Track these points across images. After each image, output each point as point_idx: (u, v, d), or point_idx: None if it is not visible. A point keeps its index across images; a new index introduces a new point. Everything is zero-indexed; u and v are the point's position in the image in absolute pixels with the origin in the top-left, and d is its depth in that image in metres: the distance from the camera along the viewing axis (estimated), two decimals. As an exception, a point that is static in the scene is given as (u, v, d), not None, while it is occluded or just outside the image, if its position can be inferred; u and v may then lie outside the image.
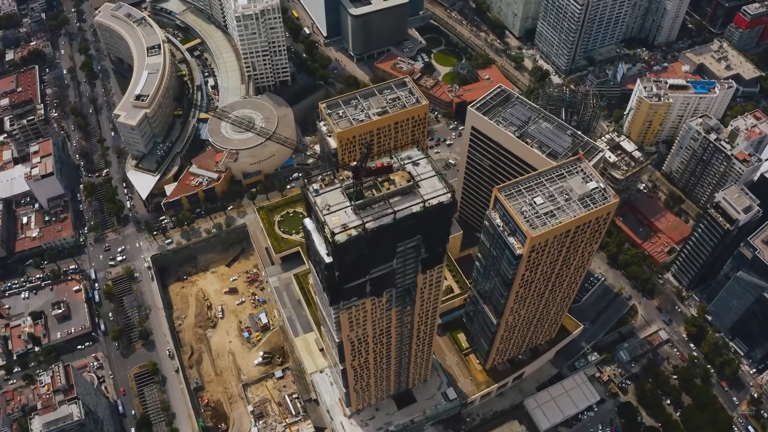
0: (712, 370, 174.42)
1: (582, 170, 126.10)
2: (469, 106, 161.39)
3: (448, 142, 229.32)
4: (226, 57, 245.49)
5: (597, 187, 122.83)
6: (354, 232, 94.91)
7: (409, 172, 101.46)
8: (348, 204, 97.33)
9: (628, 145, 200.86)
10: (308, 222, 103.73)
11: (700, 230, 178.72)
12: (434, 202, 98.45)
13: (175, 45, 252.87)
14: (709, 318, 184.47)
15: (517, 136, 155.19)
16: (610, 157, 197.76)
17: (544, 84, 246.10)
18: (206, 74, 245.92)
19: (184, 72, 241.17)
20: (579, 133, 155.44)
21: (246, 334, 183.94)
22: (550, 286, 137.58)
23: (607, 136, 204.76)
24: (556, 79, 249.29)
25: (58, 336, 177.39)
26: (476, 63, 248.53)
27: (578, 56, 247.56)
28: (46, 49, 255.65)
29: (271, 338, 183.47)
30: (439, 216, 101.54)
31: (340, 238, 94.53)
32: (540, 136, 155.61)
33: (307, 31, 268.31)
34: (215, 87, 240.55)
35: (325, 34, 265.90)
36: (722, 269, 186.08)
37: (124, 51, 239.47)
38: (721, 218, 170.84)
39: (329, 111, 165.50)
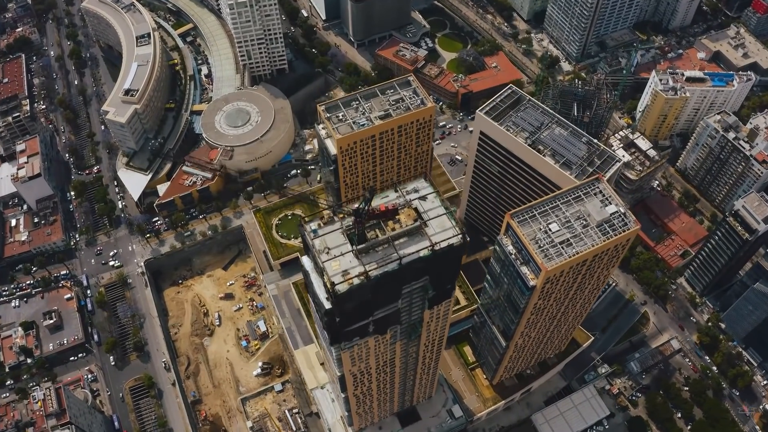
0: (724, 384, 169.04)
1: (600, 191, 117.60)
2: (477, 111, 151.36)
3: (453, 134, 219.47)
4: (219, 44, 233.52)
5: (616, 212, 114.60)
6: (356, 281, 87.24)
7: (416, 209, 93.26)
8: (349, 248, 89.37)
9: (643, 143, 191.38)
10: (306, 261, 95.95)
11: (717, 237, 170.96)
12: (443, 244, 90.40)
13: (166, 30, 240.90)
14: (723, 326, 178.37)
15: (528, 144, 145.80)
16: (623, 156, 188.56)
17: (554, 72, 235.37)
18: (199, 61, 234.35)
19: (176, 60, 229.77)
20: (594, 141, 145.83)
21: (244, 343, 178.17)
22: (563, 309, 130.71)
23: (621, 133, 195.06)
24: (566, 67, 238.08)
25: (51, 348, 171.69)
26: (483, 49, 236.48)
27: (590, 42, 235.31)
28: (32, 36, 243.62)
29: (270, 347, 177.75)
30: (448, 258, 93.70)
31: (341, 288, 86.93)
32: (553, 144, 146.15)
33: (305, 14, 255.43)
34: (209, 76, 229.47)
35: (323, 18, 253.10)
36: (738, 275, 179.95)
37: (113, 38, 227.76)
38: (739, 227, 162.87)
39: (328, 114, 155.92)
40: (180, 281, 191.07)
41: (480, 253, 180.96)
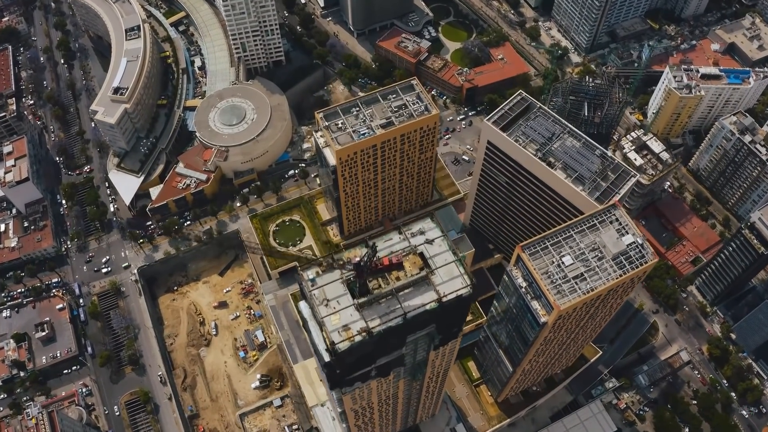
0: (735, 395, 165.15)
1: (617, 219, 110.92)
2: (485, 120, 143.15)
3: (457, 131, 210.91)
4: (213, 34, 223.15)
5: (633, 243, 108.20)
6: (357, 338, 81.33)
7: (422, 254, 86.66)
8: (350, 301, 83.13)
9: (656, 145, 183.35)
10: (304, 307, 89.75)
11: (731, 249, 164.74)
12: (452, 296, 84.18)
13: (157, 19, 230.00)
14: (733, 336, 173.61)
15: (539, 157, 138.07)
16: (635, 159, 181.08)
17: (562, 63, 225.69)
18: (192, 52, 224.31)
19: (167, 53, 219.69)
20: (609, 154, 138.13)
21: (242, 354, 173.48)
22: (573, 336, 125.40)
23: (633, 134, 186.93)
24: (575, 58, 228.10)
25: (44, 361, 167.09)
26: (488, 40, 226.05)
27: (600, 32, 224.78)
28: (19, 26, 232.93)
29: (268, 358, 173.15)
30: (457, 307, 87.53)
31: (342, 345, 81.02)
32: (565, 157, 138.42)
33: (303, 1, 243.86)
34: (202, 68, 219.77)
35: (322, 5, 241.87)
36: (750, 282, 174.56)
37: (102, 28, 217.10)
38: (755, 240, 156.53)
39: (326, 122, 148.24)
40: (175, 288, 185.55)
41: (485, 261, 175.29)
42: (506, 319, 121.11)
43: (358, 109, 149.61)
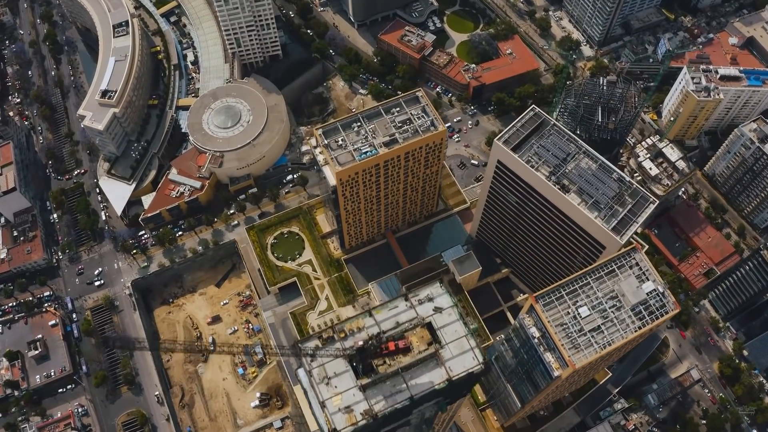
0: (745, 416, 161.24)
1: (637, 263, 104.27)
2: (495, 139, 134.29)
3: (464, 132, 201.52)
4: (206, 27, 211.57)
5: (654, 291, 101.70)
6: (361, 422, 75.52)
7: (430, 324, 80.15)
8: (353, 382, 77.02)
9: (672, 153, 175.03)
10: (303, 376, 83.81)
11: (748, 268, 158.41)
12: (462, 374, 77.99)
13: (147, 10, 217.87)
14: (745, 353, 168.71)
15: (553, 181, 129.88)
16: (650, 168, 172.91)
17: (574, 57, 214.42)
18: (185, 45, 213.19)
19: (158, 48, 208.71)
20: (627, 178, 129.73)
21: (241, 370, 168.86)
22: (585, 375, 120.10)
23: (648, 140, 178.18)
24: (587, 51, 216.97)
25: (38, 380, 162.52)
26: (496, 33, 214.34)
27: (614, 24, 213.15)
28: (4, 17, 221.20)
29: (268, 375, 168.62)
30: (467, 381, 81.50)
31: (345, 431, 75.21)
32: (580, 180, 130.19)
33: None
34: (195, 62, 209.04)
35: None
36: (765, 296, 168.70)
37: (89, 21, 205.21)
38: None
39: (326, 140, 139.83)
40: (171, 300, 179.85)
41: (492, 276, 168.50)
42: (516, 361, 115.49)
43: (359, 124, 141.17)
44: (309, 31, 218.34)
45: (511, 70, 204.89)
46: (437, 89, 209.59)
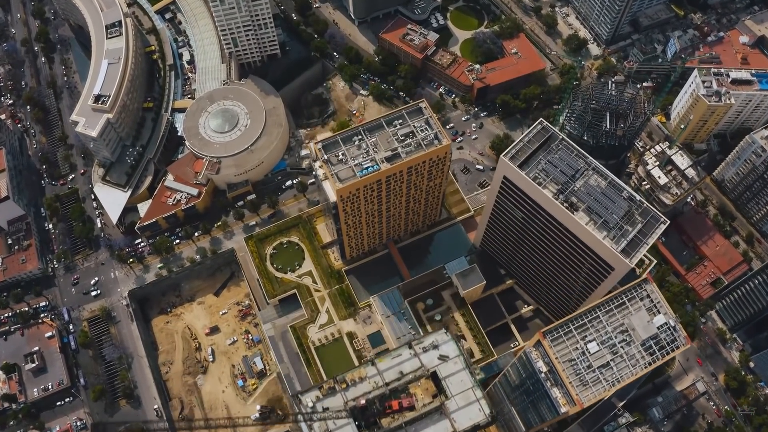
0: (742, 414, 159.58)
1: (648, 295, 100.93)
2: (502, 156, 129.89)
3: (467, 134, 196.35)
4: (202, 25, 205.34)
5: (665, 324, 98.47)
6: (364, 480, 72.90)
7: (435, 374, 77.05)
8: (355, 438, 74.28)
9: (681, 161, 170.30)
10: (304, 428, 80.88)
11: (758, 281, 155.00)
12: (468, 426, 75.09)
13: (141, 7, 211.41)
14: (752, 365, 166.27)
15: (561, 200, 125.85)
16: (659, 177, 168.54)
17: (581, 56, 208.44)
18: (180, 43, 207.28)
19: (153, 47, 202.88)
20: (638, 197, 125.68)
21: (240, 382, 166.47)
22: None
23: (657, 148, 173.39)
24: (594, 50, 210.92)
25: (35, 393, 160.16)
26: (501, 30, 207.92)
27: (623, 22, 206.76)
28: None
29: (268, 387, 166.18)
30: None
31: (346, 491, 72.63)
32: (589, 199, 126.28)
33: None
34: (191, 62, 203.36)
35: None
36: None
37: (82, 18, 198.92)
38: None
39: (326, 154, 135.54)
40: (169, 309, 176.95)
41: (497, 288, 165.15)
42: (522, 391, 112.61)
43: (360, 137, 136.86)
44: (308, 28, 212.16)
45: (517, 70, 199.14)
46: (440, 90, 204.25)
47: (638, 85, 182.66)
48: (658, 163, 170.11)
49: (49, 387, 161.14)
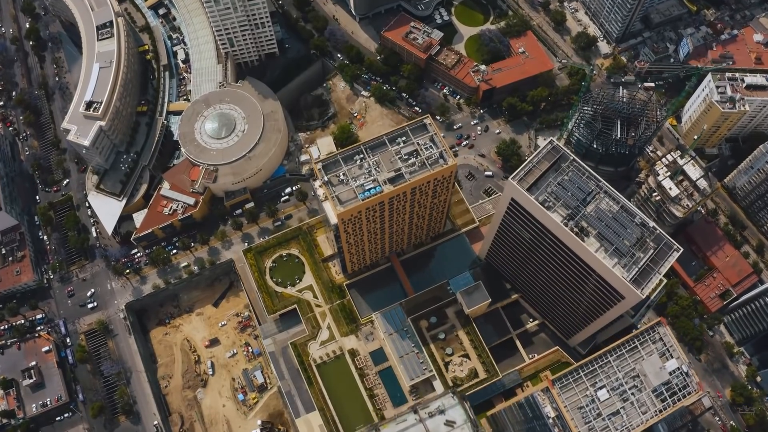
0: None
1: (661, 338, 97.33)
2: (510, 178, 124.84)
3: (472, 138, 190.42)
4: (197, 22, 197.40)
5: (677, 370, 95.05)
6: None
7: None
8: None
9: (693, 171, 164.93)
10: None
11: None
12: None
13: (133, 3, 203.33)
14: (758, 379, 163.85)
15: (571, 226, 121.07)
16: (670, 188, 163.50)
17: (590, 54, 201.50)
18: (174, 41, 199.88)
19: (146, 46, 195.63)
20: (651, 224, 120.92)
21: (241, 396, 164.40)
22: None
23: (669, 157, 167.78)
24: (604, 48, 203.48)
25: (34, 410, 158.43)
26: (508, 27, 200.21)
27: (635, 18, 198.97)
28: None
29: (269, 401, 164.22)
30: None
31: None
32: (600, 225, 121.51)
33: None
34: (186, 61, 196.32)
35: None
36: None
37: (74, 17, 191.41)
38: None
39: (326, 174, 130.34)
40: (167, 320, 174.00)
41: (502, 302, 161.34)
42: (527, 428, 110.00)
43: (362, 156, 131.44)
44: (307, 25, 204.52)
45: (524, 71, 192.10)
46: (444, 90, 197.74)
47: (650, 92, 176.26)
48: (669, 173, 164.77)
49: (48, 403, 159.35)
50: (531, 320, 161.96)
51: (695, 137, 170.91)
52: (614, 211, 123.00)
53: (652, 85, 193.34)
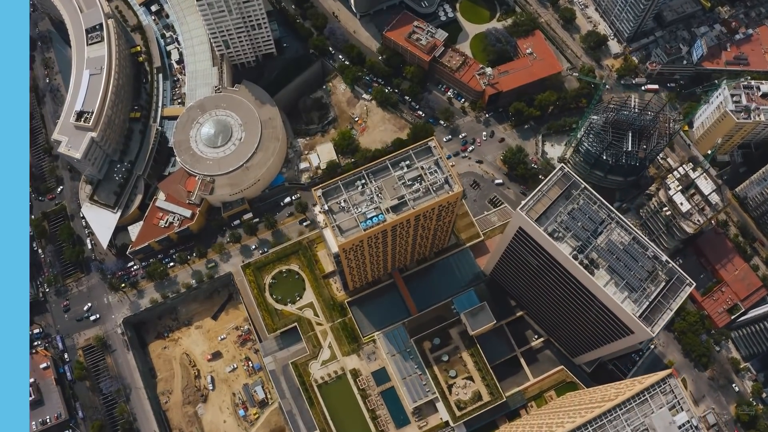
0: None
1: (671, 390, 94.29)
2: (518, 209, 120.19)
3: (478, 144, 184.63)
4: (191, 21, 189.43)
5: (687, 423, 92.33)
6: None
7: None
8: None
9: (705, 185, 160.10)
10: None
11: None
12: None
13: (125, 1, 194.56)
14: (764, 395, 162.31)
15: (581, 259, 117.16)
16: (681, 203, 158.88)
17: (599, 54, 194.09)
18: (168, 39, 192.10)
19: (139, 47, 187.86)
20: (665, 258, 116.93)
21: (242, 412, 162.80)
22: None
23: (681, 170, 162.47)
24: (614, 47, 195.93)
25: (34, 427, 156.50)
26: (515, 25, 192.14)
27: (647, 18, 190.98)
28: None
29: (270, 417, 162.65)
30: None
31: None
32: (611, 258, 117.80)
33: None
34: (180, 61, 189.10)
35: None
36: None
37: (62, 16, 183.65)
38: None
39: (326, 202, 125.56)
40: (165, 333, 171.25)
41: (507, 319, 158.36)
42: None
43: (363, 182, 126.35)
44: (306, 23, 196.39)
45: (531, 74, 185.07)
46: (449, 93, 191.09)
47: (659, 95, 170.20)
48: (680, 187, 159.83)
49: (48, 420, 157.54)
50: (536, 337, 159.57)
51: (709, 151, 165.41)
52: (626, 243, 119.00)
53: (656, 87, 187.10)
